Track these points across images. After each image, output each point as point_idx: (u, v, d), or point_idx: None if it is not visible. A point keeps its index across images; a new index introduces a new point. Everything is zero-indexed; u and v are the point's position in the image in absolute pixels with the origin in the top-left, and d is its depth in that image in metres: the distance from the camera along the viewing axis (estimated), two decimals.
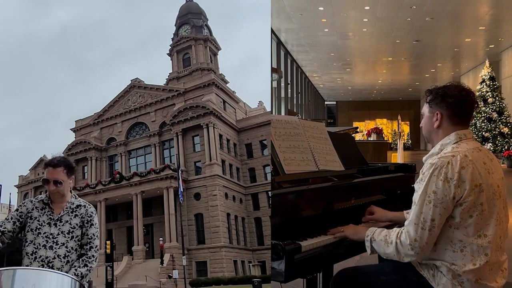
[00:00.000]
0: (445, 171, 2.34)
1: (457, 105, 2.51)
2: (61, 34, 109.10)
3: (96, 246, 2.93)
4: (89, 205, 3.00)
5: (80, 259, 2.86)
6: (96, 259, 2.92)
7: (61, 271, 2.76)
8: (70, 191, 2.98)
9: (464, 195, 2.32)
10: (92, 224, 2.93)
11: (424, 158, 2.54)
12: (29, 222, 2.88)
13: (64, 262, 2.83)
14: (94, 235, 2.93)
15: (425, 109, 2.63)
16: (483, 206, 2.35)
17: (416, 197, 2.40)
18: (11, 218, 2.91)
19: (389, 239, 2.45)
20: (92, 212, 2.96)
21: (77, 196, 3.02)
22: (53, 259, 2.81)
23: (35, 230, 2.85)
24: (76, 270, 2.80)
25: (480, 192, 2.34)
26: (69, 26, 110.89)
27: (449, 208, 2.34)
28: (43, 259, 2.80)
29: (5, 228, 2.87)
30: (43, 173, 2.98)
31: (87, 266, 2.84)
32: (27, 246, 2.84)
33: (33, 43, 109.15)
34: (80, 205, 2.95)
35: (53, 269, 2.77)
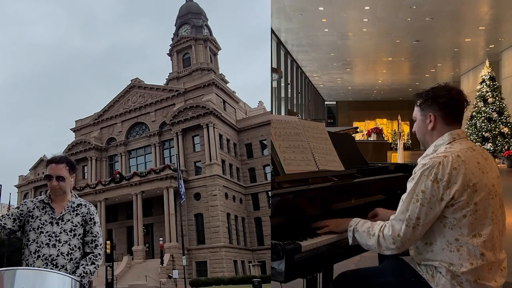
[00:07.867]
0: (435, 171, 2.34)
1: (449, 104, 2.52)
2: (103, 55, 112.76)
3: (101, 244, 2.97)
4: (90, 204, 3.02)
5: (87, 257, 2.88)
6: (101, 257, 2.96)
7: (65, 268, 2.78)
8: (71, 191, 2.99)
9: (455, 196, 2.32)
10: (95, 222, 2.97)
11: (418, 160, 2.54)
12: (31, 221, 2.88)
13: (67, 259, 2.83)
14: (98, 233, 2.97)
15: (417, 113, 2.64)
16: (477, 206, 2.34)
17: (405, 195, 2.42)
18: (12, 215, 2.90)
19: (371, 231, 2.48)
20: (94, 211, 2.99)
21: (77, 196, 3.04)
22: (56, 256, 2.81)
23: (37, 229, 2.85)
24: (84, 268, 2.81)
25: (474, 193, 2.34)
26: (111, 47, 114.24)
27: (436, 209, 2.34)
28: (46, 257, 2.80)
29: (5, 223, 2.87)
30: (43, 173, 3.00)
31: (94, 264, 2.87)
32: (29, 245, 2.84)
33: (75, 61, 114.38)
34: (81, 204, 2.97)
35: (57, 266, 2.78)
